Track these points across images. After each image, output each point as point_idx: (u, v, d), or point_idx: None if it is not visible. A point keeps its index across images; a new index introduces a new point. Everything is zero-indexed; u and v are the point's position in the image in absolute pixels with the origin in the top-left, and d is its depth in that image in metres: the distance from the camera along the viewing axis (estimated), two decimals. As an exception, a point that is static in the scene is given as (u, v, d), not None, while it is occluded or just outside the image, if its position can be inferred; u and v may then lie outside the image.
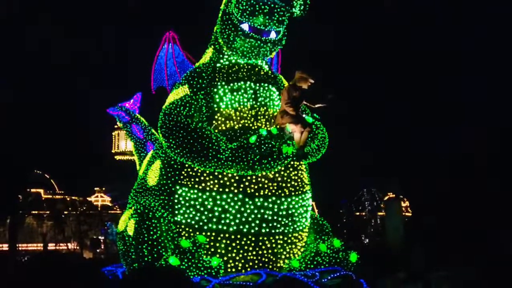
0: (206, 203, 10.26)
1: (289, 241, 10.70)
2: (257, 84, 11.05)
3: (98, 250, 35.31)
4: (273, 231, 10.43)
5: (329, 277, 10.19)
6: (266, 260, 10.45)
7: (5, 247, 31.77)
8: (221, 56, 11.26)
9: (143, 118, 13.17)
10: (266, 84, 11.16)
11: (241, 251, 10.28)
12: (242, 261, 10.30)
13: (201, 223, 10.26)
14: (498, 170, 24.06)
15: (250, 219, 10.26)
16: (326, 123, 11.48)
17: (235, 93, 10.87)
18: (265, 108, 10.97)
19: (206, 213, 10.25)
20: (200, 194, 10.32)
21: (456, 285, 9.60)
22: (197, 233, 10.24)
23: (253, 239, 10.31)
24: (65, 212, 37.68)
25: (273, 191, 10.48)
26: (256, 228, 10.29)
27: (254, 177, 10.38)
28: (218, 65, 11.18)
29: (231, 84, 10.93)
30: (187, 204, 10.35)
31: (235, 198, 10.28)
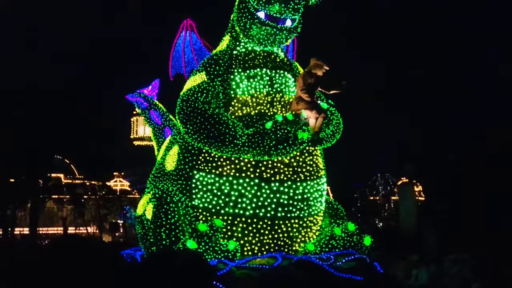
0: (223, 187, 10.42)
1: (304, 225, 10.84)
2: (273, 71, 11.15)
3: (117, 234, 35.56)
4: (288, 215, 10.57)
5: (343, 260, 10.29)
6: (282, 243, 10.58)
7: (26, 230, 32.21)
8: (237, 43, 11.38)
9: (161, 104, 13.35)
10: (282, 71, 11.25)
11: (257, 235, 10.43)
12: (258, 244, 10.45)
13: (218, 207, 10.42)
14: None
15: (266, 203, 10.40)
16: (340, 109, 11.61)
17: (251, 80, 10.98)
18: (280, 94, 11.08)
19: (223, 197, 10.40)
20: (217, 178, 10.47)
21: (468, 268, 9.67)
22: (214, 217, 10.40)
23: (269, 223, 10.45)
24: (85, 197, 38.06)
25: (289, 176, 10.61)
26: (272, 212, 10.44)
27: (270, 162, 10.50)
28: (234, 52, 11.29)
29: (248, 71, 11.04)
30: (204, 188, 10.51)
31: (252, 183, 10.42)
